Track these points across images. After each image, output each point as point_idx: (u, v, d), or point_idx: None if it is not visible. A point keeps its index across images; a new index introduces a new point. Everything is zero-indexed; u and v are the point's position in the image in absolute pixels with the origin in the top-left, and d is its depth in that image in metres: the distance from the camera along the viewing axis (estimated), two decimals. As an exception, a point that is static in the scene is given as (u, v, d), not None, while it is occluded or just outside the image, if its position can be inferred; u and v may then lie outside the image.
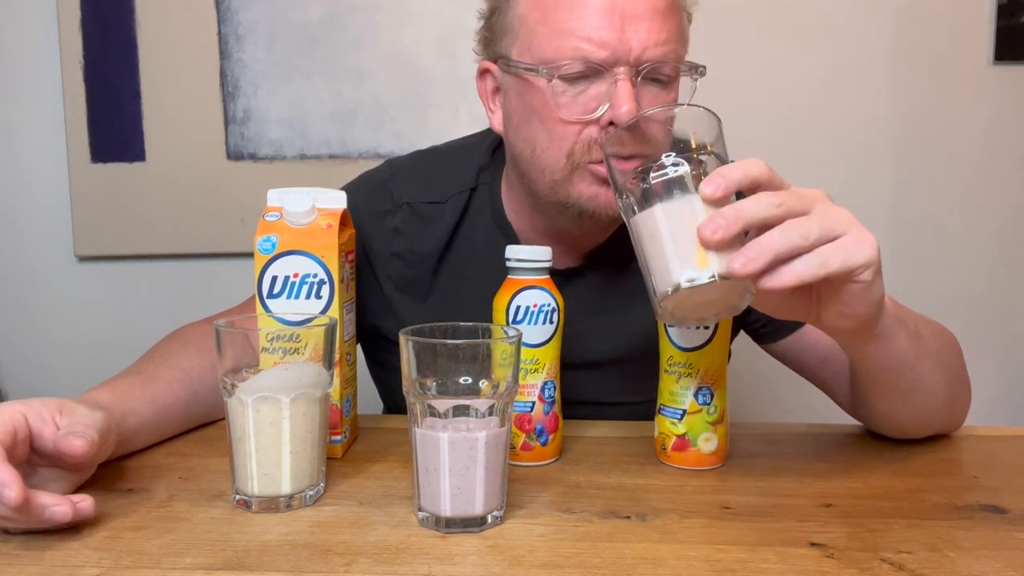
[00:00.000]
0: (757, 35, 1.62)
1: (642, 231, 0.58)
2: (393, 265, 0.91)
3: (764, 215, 0.55)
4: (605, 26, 0.72)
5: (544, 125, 0.77)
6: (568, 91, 0.75)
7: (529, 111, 0.78)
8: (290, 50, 1.63)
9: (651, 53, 0.73)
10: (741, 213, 0.55)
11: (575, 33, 0.73)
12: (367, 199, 0.92)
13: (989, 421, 0.91)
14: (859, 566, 0.52)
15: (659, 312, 0.59)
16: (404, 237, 0.90)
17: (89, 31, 1.63)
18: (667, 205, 0.57)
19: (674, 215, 0.57)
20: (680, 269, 0.56)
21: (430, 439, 0.57)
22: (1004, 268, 1.68)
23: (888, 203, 1.67)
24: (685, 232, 0.56)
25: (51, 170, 1.68)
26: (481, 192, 0.91)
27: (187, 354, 0.80)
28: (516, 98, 0.80)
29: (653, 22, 0.73)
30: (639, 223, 0.59)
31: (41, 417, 0.58)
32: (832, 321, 0.62)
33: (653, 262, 0.58)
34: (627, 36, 0.72)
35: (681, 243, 0.56)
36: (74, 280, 1.72)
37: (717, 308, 0.59)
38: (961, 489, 0.67)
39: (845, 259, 0.55)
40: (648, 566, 0.52)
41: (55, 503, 0.54)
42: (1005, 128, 1.64)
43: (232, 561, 0.53)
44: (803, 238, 0.55)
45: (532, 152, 0.79)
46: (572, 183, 0.78)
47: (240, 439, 0.61)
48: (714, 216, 0.55)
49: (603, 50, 0.72)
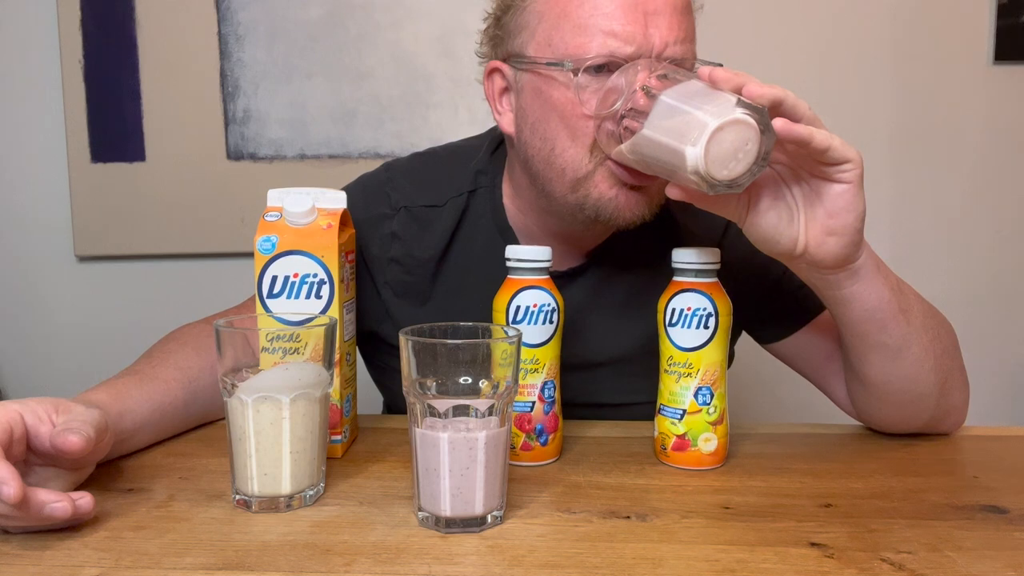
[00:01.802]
0: (757, 35, 1.62)
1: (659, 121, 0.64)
2: (391, 270, 0.90)
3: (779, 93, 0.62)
4: (629, 21, 0.72)
5: (565, 121, 0.76)
6: (591, 85, 0.74)
7: (548, 108, 0.77)
8: (290, 50, 1.63)
9: (671, 50, 0.73)
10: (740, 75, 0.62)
11: (600, 28, 0.72)
12: (364, 203, 0.90)
13: (989, 421, 0.91)
14: (859, 566, 0.52)
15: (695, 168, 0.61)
16: (402, 242, 0.89)
17: (89, 31, 1.63)
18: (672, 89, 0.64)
19: (682, 90, 0.63)
20: (707, 117, 0.60)
21: (430, 439, 0.57)
22: (1004, 268, 1.68)
23: (888, 203, 1.67)
24: (700, 96, 0.62)
25: (51, 170, 1.68)
26: (480, 195, 0.90)
27: (185, 354, 0.80)
28: (533, 96, 0.78)
29: (673, 18, 0.73)
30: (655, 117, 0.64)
31: (37, 415, 0.58)
32: (816, 239, 0.65)
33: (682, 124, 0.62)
34: (650, 31, 0.72)
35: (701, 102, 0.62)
36: (74, 280, 1.72)
37: (748, 160, 0.62)
38: (961, 489, 0.67)
39: (835, 143, 0.62)
40: (648, 566, 0.52)
41: (54, 500, 0.54)
42: (1005, 128, 1.64)
43: (232, 561, 0.53)
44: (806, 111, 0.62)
45: (551, 151, 0.78)
46: (594, 182, 0.76)
47: (240, 439, 0.61)
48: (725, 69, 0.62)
49: (629, 45, 0.72)
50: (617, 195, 0.76)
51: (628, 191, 0.76)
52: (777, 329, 0.90)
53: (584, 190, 0.77)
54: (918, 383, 0.76)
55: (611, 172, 0.75)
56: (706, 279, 0.71)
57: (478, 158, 0.92)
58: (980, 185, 1.66)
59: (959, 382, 0.81)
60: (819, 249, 0.66)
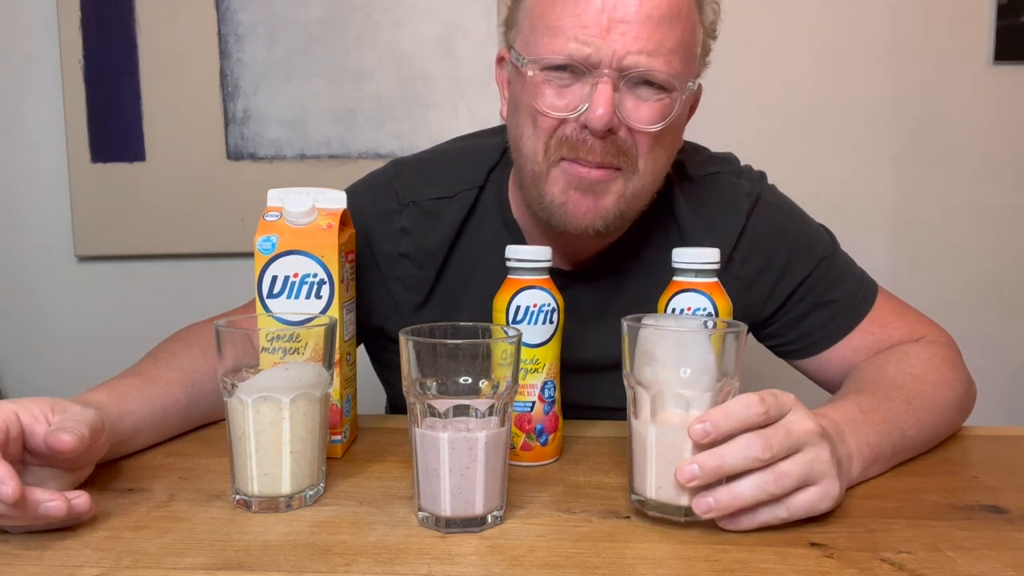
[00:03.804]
0: (757, 35, 1.62)
1: (635, 431, 0.61)
2: (402, 266, 0.90)
3: (745, 467, 0.56)
4: (592, 24, 0.73)
5: (528, 112, 0.79)
6: (551, 84, 0.76)
7: (519, 98, 0.81)
8: (290, 50, 1.63)
9: (633, 59, 0.73)
10: (723, 463, 0.55)
11: (565, 31, 0.74)
12: (372, 199, 0.91)
13: (989, 421, 0.91)
14: (859, 566, 0.52)
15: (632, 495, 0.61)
16: (412, 237, 0.90)
17: (89, 31, 1.63)
18: (662, 428, 0.59)
19: (664, 440, 0.58)
20: (654, 488, 0.59)
21: (430, 439, 0.57)
22: (1004, 268, 1.68)
23: (888, 203, 1.67)
24: (669, 458, 0.58)
25: (51, 170, 1.68)
26: (490, 190, 0.91)
27: (190, 356, 0.80)
28: (515, 86, 0.82)
29: (644, 28, 0.73)
30: (633, 420, 0.61)
31: (33, 415, 0.58)
32: None
33: (636, 462, 0.60)
34: (611, 38, 0.73)
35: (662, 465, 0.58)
36: (74, 280, 1.72)
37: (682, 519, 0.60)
38: (961, 489, 0.67)
39: (809, 508, 0.58)
40: (648, 566, 0.52)
41: (49, 499, 0.54)
42: (1005, 128, 1.64)
43: (232, 561, 0.53)
44: (777, 491, 0.56)
45: (520, 138, 0.81)
46: (548, 181, 0.79)
47: (240, 439, 0.61)
48: (694, 462, 0.56)
49: (586, 47, 0.73)
50: (566, 201, 0.79)
51: (579, 196, 0.78)
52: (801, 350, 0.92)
53: (542, 188, 0.80)
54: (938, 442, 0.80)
55: (564, 173, 0.78)
56: (706, 279, 0.71)
57: (491, 155, 0.93)
58: (980, 185, 1.66)
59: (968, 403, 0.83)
60: None
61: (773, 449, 0.56)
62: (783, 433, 0.56)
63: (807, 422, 0.58)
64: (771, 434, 0.56)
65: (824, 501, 0.58)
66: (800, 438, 0.57)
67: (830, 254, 0.90)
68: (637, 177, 0.79)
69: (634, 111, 0.75)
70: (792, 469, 0.56)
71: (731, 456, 0.55)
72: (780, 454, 0.56)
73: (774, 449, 0.56)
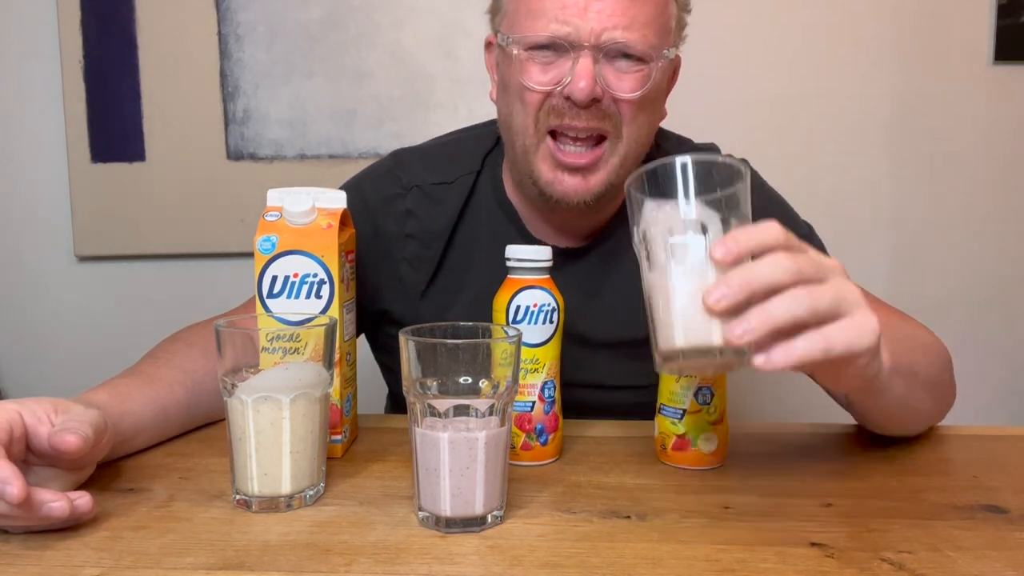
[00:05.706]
0: (756, 34, 1.62)
1: (652, 284, 0.57)
2: (409, 246, 0.93)
3: (775, 280, 0.52)
4: (570, 5, 0.78)
5: (516, 91, 0.83)
6: (535, 62, 0.81)
7: (507, 78, 0.85)
8: (290, 50, 1.63)
9: (610, 35, 0.78)
10: (749, 279, 0.52)
11: (546, 12, 0.79)
12: (375, 186, 0.95)
13: (989, 421, 0.92)
14: (859, 566, 0.52)
15: (658, 364, 0.57)
16: (417, 218, 0.93)
17: (89, 31, 1.62)
18: (680, 256, 0.55)
19: (685, 268, 0.55)
20: (682, 334, 0.54)
21: (430, 439, 0.57)
22: (1004, 268, 1.68)
23: (888, 203, 1.67)
24: (692, 293, 0.54)
25: (51, 170, 1.68)
26: (486, 173, 0.95)
27: (191, 356, 0.80)
28: (503, 67, 0.86)
29: (618, 5, 0.78)
30: (648, 275, 0.57)
31: (36, 415, 0.58)
32: (825, 382, 0.63)
33: (658, 317, 0.56)
34: (589, 16, 0.78)
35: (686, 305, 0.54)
36: (74, 280, 1.72)
37: (716, 365, 0.58)
38: (961, 489, 0.67)
39: (848, 344, 0.53)
40: (648, 566, 0.52)
41: (52, 499, 0.54)
42: (1005, 128, 1.64)
43: (232, 561, 0.53)
44: (810, 311, 0.52)
45: (510, 115, 0.85)
46: (539, 156, 0.84)
47: (240, 439, 0.61)
48: (720, 282, 0.52)
49: (565, 27, 0.78)
50: (555, 179, 0.83)
51: (568, 175, 0.83)
52: None
53: (531, 164, 0.84)
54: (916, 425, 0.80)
55: (550, 152, 0.82)
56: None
57: (485, 142, 0.97)
58: (980, 185, 1.66)
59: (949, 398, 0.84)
60: (827, 386, 0.65)
61: (800, 263, 0.52)
62: (810, 257, 0.54)
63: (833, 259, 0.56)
64: (798, 253, 0.53)
65: (864, 334, 0.53)
66: (827, 266, 0.54)
67: (807, 235, 0.92)
68: (622, 144, 0.83)
69: (616, 82, 0.80)
70: (824, 289, 0.53)
71: (759, 268, 0.52)
72: (808, 272, 0.53)
73: (801, 263, 0.52)
